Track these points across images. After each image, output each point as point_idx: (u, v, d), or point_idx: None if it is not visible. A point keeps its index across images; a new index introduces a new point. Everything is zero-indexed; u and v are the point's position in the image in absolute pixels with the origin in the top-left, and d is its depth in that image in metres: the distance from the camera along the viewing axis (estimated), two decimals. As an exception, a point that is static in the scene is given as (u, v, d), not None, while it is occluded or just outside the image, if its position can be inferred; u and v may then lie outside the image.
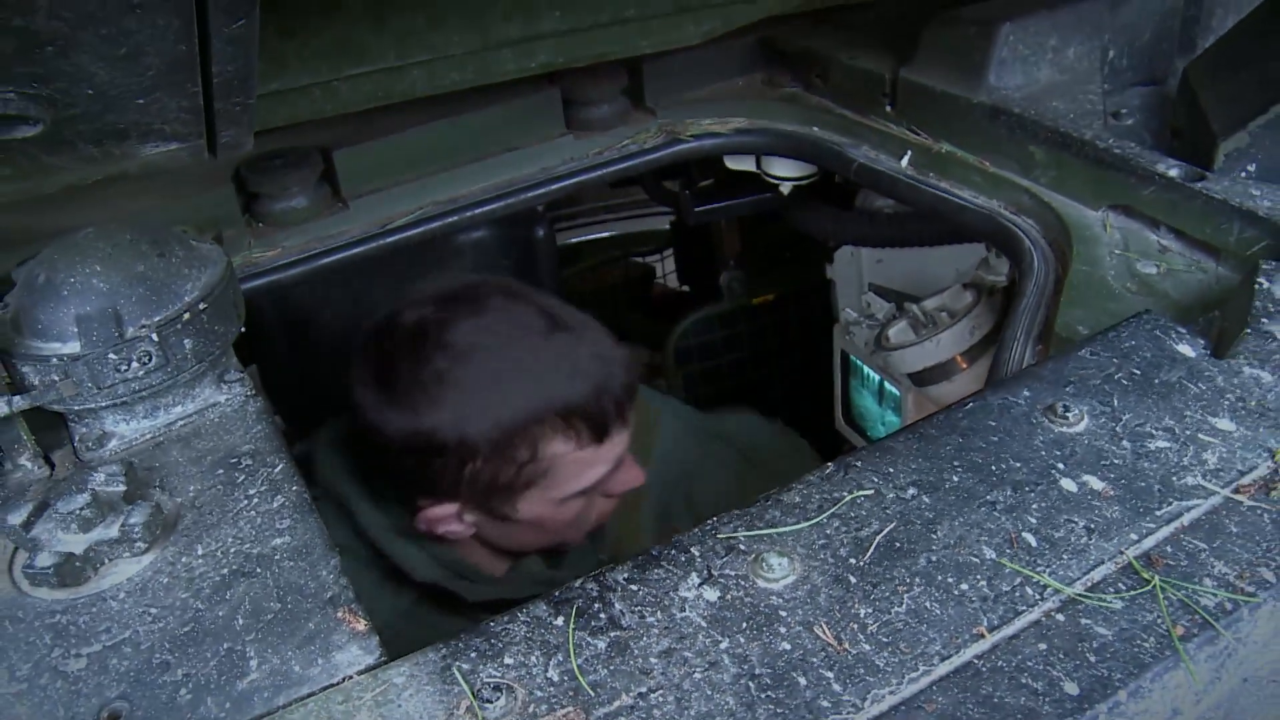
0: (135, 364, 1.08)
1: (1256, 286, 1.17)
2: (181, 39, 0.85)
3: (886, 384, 2.15)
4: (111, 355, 1.07)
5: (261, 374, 2.43)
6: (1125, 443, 1.00)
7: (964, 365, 1.93)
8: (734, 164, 2.20)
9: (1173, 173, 1.45)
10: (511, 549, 1.54)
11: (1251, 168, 1.48)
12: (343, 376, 1.38)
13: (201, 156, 1.14)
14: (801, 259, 2.94)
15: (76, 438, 1.13)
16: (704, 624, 0.85)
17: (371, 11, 1.50)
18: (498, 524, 1.42)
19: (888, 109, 1.87)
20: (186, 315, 1.11)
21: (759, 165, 2.18)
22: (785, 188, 2.17)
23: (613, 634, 0.85)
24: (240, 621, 0.90)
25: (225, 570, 0.95)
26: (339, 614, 0.90)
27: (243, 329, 1.21)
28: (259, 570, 0.95)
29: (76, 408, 1.10)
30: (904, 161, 1.81)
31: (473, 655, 0.84)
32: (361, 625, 0.88)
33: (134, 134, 1.02)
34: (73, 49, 0.82)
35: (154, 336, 1.08)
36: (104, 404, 1.10)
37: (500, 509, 1.39)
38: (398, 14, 1.50)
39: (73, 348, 1.07)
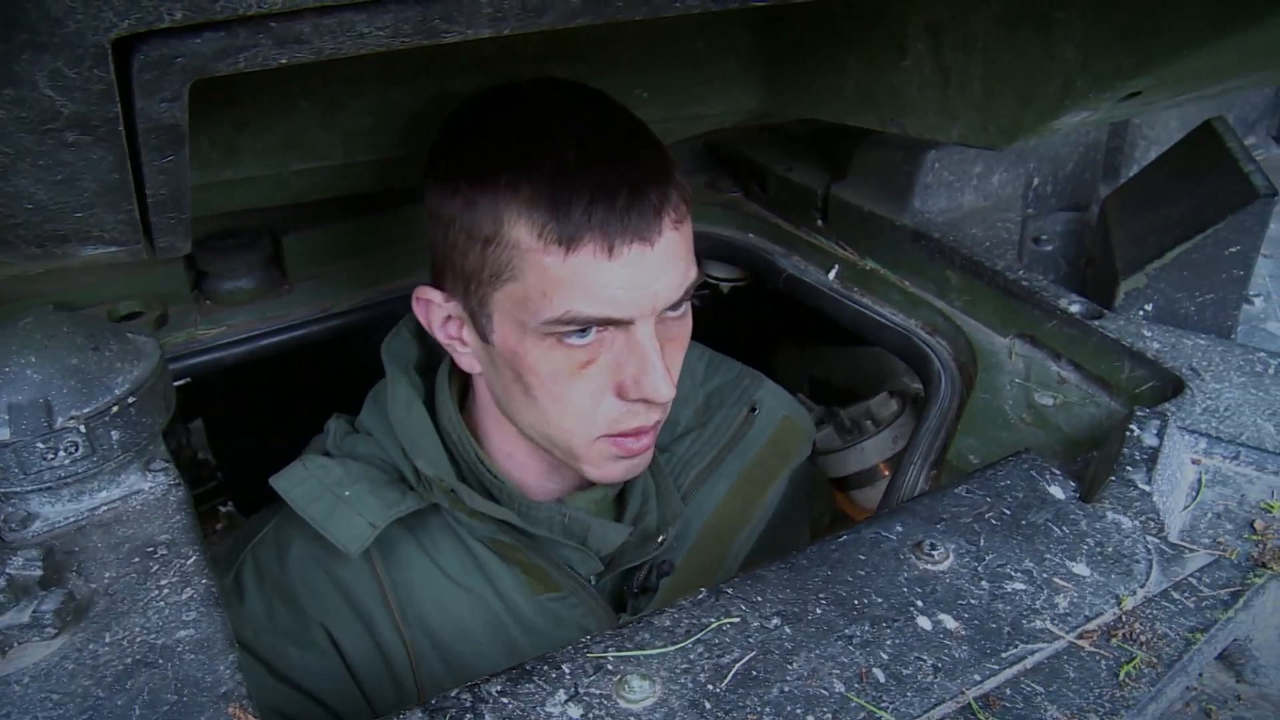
0: (62, 453, 1.13)
1: (1127, 433, 1.24)
2: (115, 169, 0.91)
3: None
4: (39, 444, 1.12)
5: (206, 428, 2.50)
6: (984, 583, 1.06)
7: (886, 472, 1.99)
8: (676, 261, 2.27)
9: (1074, 308, 1.53)
10: (515, 419, 1.38)
11: (1148, 307, 1.56)
12: None
13: (142, 258, 1.20)
14: (742, 350, 3.02)
15: (2, 517, 1.17)
16: (567, 742, 0.90)
17: (322, 111, 1.56)
18: (485, 347, 1.33)
19: (819, 223, 1.95)
20: (115, 408, 1.16)
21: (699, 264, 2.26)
22: (724, 287, 2.24)
23: (481, 747, 0.90)
24: (137, 712, 0.93)
25: (129, 660, 0.99)
26: (230, 709, 0.94)
27: (171, 415, 1.27)
28: (161, 661, 0.99)
29: (2, 490, 1.15)
30: (831, 275, 1.89)
31: (348, 761, 0.90)
32: (250, 723, 0.93)
33: (74, 239, 1.08)
34: (12, 174, 0.88)
35: (82, 428, 1.13)
36: (30, 489, 1.15)
37: (477, 308, 1.29)
38: (347, 115, 1.56)
39: (2, 435, 1.12)
